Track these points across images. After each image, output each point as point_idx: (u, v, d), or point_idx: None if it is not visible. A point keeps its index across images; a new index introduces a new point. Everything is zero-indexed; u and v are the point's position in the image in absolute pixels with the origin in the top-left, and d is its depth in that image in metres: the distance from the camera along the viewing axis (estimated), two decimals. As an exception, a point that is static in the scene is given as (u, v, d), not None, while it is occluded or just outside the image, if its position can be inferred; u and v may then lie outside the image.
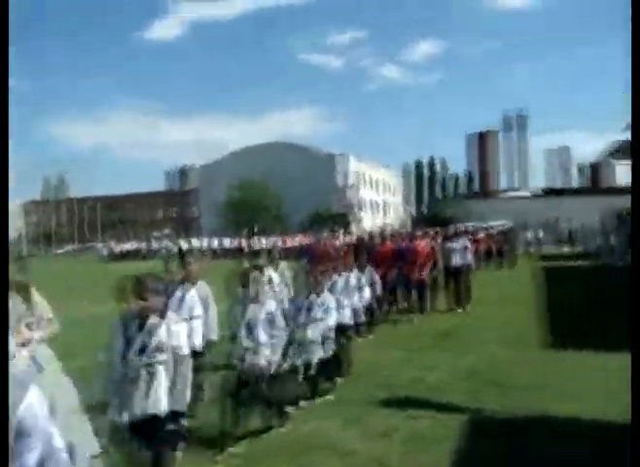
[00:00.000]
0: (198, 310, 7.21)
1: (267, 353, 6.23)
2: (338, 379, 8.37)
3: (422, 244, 13.96)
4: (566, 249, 43.51)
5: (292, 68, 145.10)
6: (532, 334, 11.82)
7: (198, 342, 7.08)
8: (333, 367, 8.04)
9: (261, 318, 6.26)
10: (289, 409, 6.96)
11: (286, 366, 6.88)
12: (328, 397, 7.66)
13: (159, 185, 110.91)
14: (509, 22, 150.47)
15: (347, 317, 8.89)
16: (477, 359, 9.79)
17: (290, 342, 7.08)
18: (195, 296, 7.23)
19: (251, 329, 6.23)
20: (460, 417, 6.83)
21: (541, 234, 43.86)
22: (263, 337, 6.25)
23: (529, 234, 43.28)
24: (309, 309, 7.46)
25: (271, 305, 6.54)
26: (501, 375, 8.69)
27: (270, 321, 6.31)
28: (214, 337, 7.22)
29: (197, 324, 7.16)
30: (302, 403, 7.25)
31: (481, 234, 27.32)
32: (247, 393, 6.14)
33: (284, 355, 6.59)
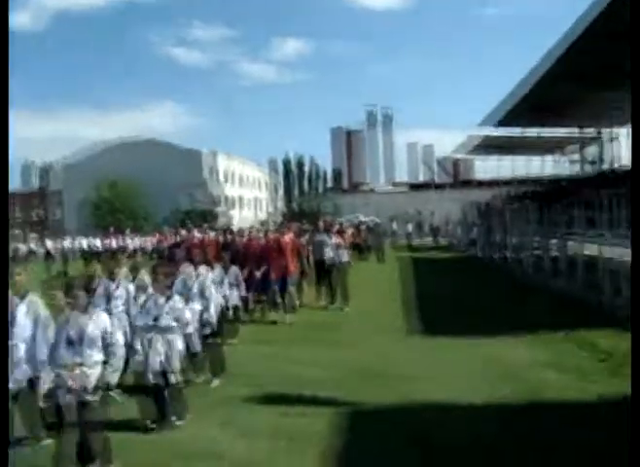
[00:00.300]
0: (26, 331, 6.03)
1: (97, 373, 5.29)
2: (213, 381, 8.04)
3: (290, 240, 13.50)
4: (430, 241, 44.93)
5: (157, 63, 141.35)
6: (405, 324, 11.96)
7: (20, 373, 5.95)
8: (194, 372, 7.48)
9: (88, 332, 5.30)
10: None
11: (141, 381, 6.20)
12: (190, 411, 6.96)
13: (15, 183, 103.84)
14: (376, 22, 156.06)
15: (207, 319, 8.28)
16: (351, 352, 9.69)
17: (133, 356, 6.33)
18: (23, 314, 6.05)
19: (73, 345, 5.25)
20: (338, 412, 6.68)
21: (409, 228, 45.04)
22: (90, 354, 5.28)
23: (395, 227, 44.31)
24: (155, 317, 6.58)
25: (106, 318, 5.61)
26: (376, 366, 8.63)
27: (104, 337, 5.37)
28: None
29: (21, 349, 6.00)
30: (154, 425, 6.44)
31: (350, 229, 27.49)
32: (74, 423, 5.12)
33: (123, 372, 5.77)
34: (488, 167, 47.88)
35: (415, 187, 76.14)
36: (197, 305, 8.05)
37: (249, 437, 6.09)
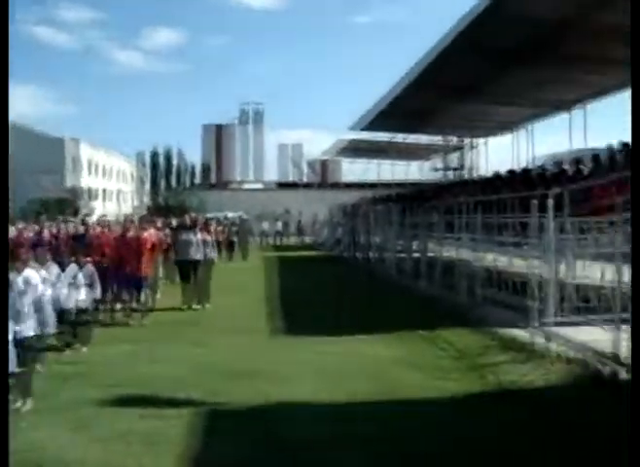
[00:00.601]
0: None
1: None
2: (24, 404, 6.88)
3: (149, 236, 12.84)
4: (297, 240, 45.33)
5: (20, 42, 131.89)
6: (268, 323, 11.93)
7: None
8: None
9: None
10: None
11: None
12: None
13: None
14: (253, 19, 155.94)
15: (48, 325, 7.50)
16: (213, 351, 9.52)
17: None
18: None
19: None
20: (197, 412, 6.50)
21: (278, 226, 45.21)
22: None
23: (265, 226, 44.38)
24: None
25: None
26: (238, 366, 8.50)
27: None
28: None
29: None
30: None
31: (215, 225, 27.13)
32: None
33: None
34: (356, 170, 48.94)
35: (284, 186, 76.82)
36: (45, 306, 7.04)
37: (104, 441, 5.76)
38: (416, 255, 17.93)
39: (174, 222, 18.57)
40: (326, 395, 7.05)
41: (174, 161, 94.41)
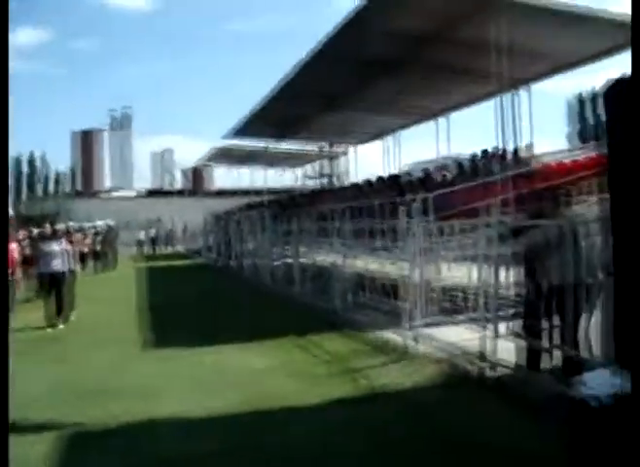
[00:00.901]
0: None
1: None
2: None
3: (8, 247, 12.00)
4: (169, 249, 44.40)
5: None
6: (136, 335, 11.48)
7: None
8: None
9: None
10: None
11: None
12: None
13: None
14: (121, 19, 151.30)
15: None
16: (77, 368, 9.03)
17: None
18: None
19: None
20: (59, 435, 6.09)
21: (152, 234, 44.14)
22: None
23: (141, 235, 43.23)
24: None
25: None
26: (105, 382, 8.10)
27: None
28: None
29: None
30: None
31: (80, 235, 26.01)
32: None
33: None
34: (229, 177, 48.55)
35: (156, 193, 75.24)
36: None
37: None
38: (290, 261, 17.96)
39: (35, 232, 17.57)
40: (199, 409, 6.80)
41: (38, 168, 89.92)
